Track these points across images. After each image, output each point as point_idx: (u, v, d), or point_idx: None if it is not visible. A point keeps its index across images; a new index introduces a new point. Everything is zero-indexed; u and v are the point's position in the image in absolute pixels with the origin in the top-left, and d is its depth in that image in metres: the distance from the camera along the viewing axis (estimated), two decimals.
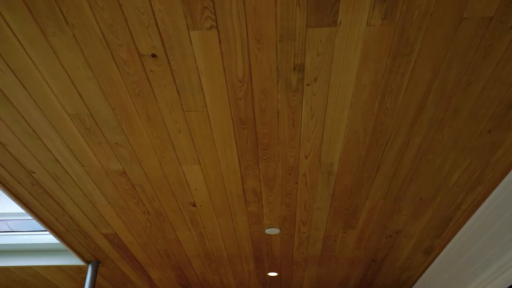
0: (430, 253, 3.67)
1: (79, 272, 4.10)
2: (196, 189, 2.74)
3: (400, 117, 2.11)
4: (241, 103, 2.04)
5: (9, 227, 5.60)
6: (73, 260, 3.87)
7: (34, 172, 2.58)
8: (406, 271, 4.07)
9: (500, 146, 2.31)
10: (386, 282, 4.36)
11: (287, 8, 1.59)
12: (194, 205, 2.93)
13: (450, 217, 3.06)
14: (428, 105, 2.04)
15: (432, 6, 1.58)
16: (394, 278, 4.25)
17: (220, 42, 1.72)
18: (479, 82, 1.90)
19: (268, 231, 3.28)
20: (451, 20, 1.63)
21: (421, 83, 1.91)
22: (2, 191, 2.81)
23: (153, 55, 1.78)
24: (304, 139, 2.28)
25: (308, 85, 1.93)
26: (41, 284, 4.41)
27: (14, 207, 5.65)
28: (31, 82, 1.92)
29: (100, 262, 3.89)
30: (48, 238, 3.80)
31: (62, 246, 3.83)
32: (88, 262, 3.83)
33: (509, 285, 2.76)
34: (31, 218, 4.46)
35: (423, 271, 4.08)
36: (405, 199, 2.84)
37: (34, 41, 1.72)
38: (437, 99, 2.00)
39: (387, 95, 1.98)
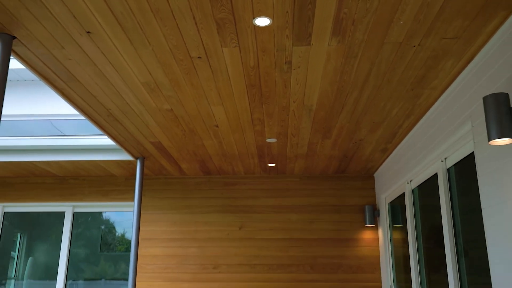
0: (385, 152, 5.07)
1: (129, 163, 5.55)
2: (219, 118, 4.01)
3: (354, 84, 3.30)
4: (251, 77, 3.21)
5: (54, 126, 7.08)
6: (125, 156, 5.29)
7: (110, 109, 3.83)
8: (370, 162, 5.52)
9: (420, 96, 3.53)
10: (356, 169, 5.86)
11: (281, 38, 2.70)
12: (217, 126, 4.23)
13: (395, 132, 4.39)
14: (370, 79, 3.22)
15: (365, 37, 2.69)
16: (361, 167, 5.73)
17: (240, 52, 2.86)
18: (400, 68, 3.07)
19: (268, 140, 4.62)
20: (377, 43, 2.75)
21: (364, 69, 3.07)
22: (87, 119, 4.08)
23: (199, 57, 2.93)
24: (292, 94, 3.49)
25: (294, 69, 3.09)
26: (100, 171, 5.91)
27: (57, 110, 7.00)
28: (122, 69, 3.08)
29: (145, 158, 5.31)
30: (107, 140, 5.16)
31: (118, 147, 5.21)
32: (136, 158, 5.25)
33: (430, 176, 4.16)
34: (72, 119, 5.82)
35: (382, 163, 5.54)
36: (363, 123, 4.13)
37: (129, 52, 2.85)
38: (375, 76, 3.17)
39: (344, 74, 3.15)
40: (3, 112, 7.00)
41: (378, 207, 5.93)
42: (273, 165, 5.63)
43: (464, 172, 3.41)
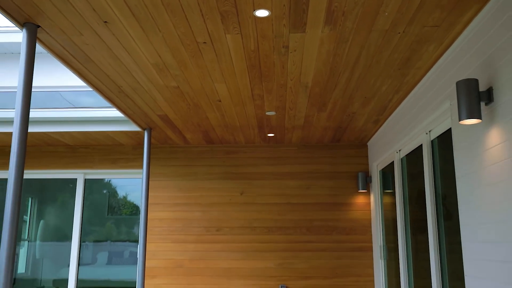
0: (377, 123, 5.42)
1: (136, 134, 5.90)
2: (222, 94, 4.33)
3: (345, 64, 3.61)
4: (252, 59, 3.52)
5: (63, 97, 7.38)
6: (133, 127, 5.63)
7: (121, 86, 4.15)
8: (363, 132, 5.88)
9: (407, 75, 3.85)
10: (350, 138, 6.22)
11: (278, 27, 3.00)
12: (220, 101, 4.55)
13: (386, 105, 4.72)
14: (361, 60, 3.53)
15: (355, 25, 2.99)
16: (355, 136, 6.08)
17: (242, 38, 3.16)
18: (387, 51, 3.37)
19: (267, 113, 4.96)
20: (365, 31, 3.05)
21: (354, 52, 3.38)
22: (99, 95, 4.40)
23: (204, 42, 3.23)
24: (289, 73, 3.80)
25: (291, 52, 3.40)
26: (109, 140, 6.27)
27: (64, 81, 7.29)
28: (134, 52, 3.38)
29: (151, 129, 5.66)
30: (116, 113, 5.49)
31: (127, 118, 5.55)
32: (144, 129, 5.59)
33: (416, 146, 4.52)
34: (80, 90, 6.15)
35: (374, 133, 5.89)
36: (355, 98, 4.45)
37: (141, 38, 3.15)
38: (365, 58, 3.48)
39: (336, 56, 3.46)
40: (15, 84, 7.27)
41: (370, 174, 6.33)
42: (272, 135, 5.98)
43: (446, 144, 3.76)
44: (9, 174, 2.82)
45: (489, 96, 2.67)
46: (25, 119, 2.91)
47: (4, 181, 6.83)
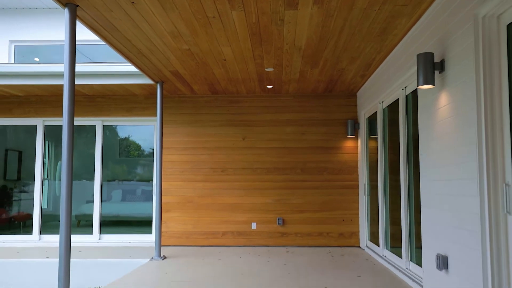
0: (364, 77, 6.09)
1: (149, 86, 6.58)
2: (227, 54, 4.99)
3: (332, 33, 4.25)
4: (253, 29, 4.16)
5: (79, 51, 7.93)
6: (147, 81, 6.31)
7: (140, 49, 4.80)
8: (352, 84, 6.56)
9: (386, 40, 4.50)
10: (341, 89, 6.91)
11: (276, 6, 3.63)
12: (225, 60, 5.21)
13: (370, 63, 5.38)
14: (345, 29, 4.17)
15: (338, 4, 3.62)
16: (346, 87, 6.77)
17: (245, 14, 3.79)
18: (367, 22, 4.01)
19: (267, 69, 5.62)
20: (347, 9, 3.68)
21: (339, 24, 4.02)
22: (120, 55, 5.05)
23: (213, 17, 3.86)
24: (285, 39, 4.45)
25: (286, 24, 4.04)
26: (124, 91, 6.96)
27: (80, 36, 7.85)
28: (154, 24, 4.02)
29: (164, 82, 6.33)
30: (131, 67, 6.14)
31: (141, 73, 6.21)
32: (156, 82, 6.27)
33: (395, 100, 5.23)
34: (93, 44, 6.72)
35: (362, 85, 6.58)
36: (343, 57, 5.11)
37: (161, 14, 3.79)
38: (349, 28, 4.12)
39: (324, 26, 4.10)
40: (34, 38, 7.84)
41: (358, 121, 7.07)
42: (271, 87, 6.66)
43: (417, 100, 4.48)
44: (63, 121, 3.57)
45: (442, 66, 3.37)
46: (72, 79, 3.61)
47: (31, 127, 7.58)
